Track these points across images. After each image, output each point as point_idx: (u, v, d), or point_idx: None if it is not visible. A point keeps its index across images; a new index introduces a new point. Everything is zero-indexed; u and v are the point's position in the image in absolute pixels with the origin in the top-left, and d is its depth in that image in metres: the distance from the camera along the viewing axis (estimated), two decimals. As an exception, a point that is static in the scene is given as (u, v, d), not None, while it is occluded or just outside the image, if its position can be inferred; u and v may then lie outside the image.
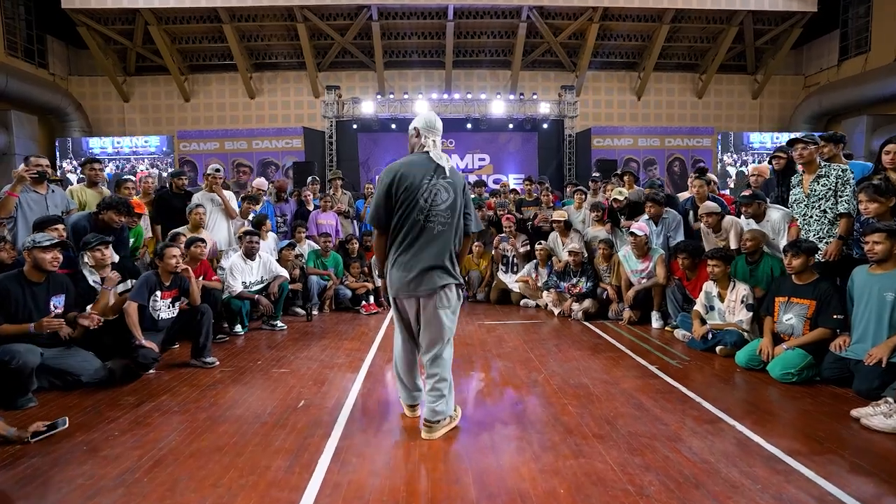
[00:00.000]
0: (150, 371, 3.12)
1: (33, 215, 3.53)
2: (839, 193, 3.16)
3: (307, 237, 5.50)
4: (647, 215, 4.59)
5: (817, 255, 3.16)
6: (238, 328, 4.20)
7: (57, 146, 12.35)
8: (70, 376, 2.79)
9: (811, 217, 3.31)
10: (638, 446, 2.06)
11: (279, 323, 4.42)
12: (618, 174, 5.93)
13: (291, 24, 12.25)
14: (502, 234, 5.86)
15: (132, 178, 4.46)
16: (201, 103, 13.99)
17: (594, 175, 6.41)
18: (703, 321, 3.65)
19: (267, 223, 4.92)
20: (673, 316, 4.19)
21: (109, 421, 2.39)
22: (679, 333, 3.93)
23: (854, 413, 2.35)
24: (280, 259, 4.78)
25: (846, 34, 12.96)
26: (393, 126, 11.85)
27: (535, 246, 5.46)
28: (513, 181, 11.41)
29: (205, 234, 4.34)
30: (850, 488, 1.74)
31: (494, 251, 5.81)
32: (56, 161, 12.04)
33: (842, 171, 3.16)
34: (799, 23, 12.44)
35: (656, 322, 4.37)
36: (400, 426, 2.33)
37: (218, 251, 4.67)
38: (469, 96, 12.05)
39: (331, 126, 12.02)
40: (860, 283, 2.80)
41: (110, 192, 4.27)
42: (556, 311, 4.94)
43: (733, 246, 3.84)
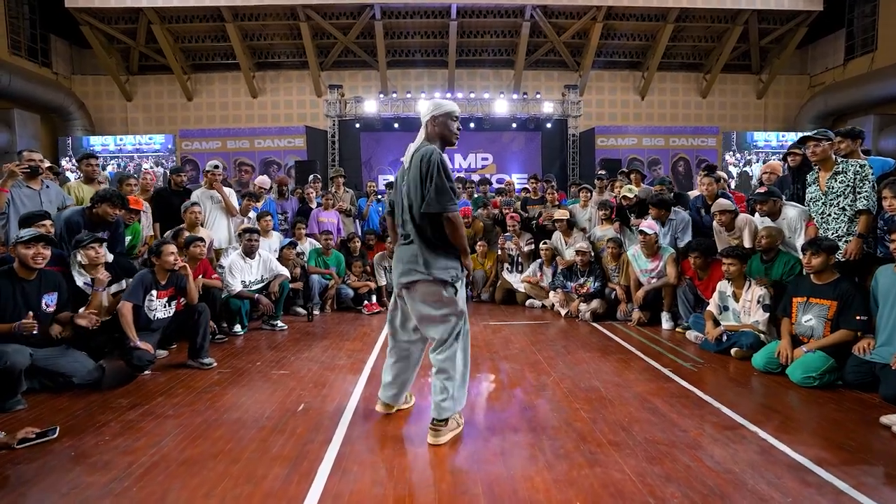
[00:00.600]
0: (146, 372, 3.02)
1: (25, 210, 3.44)
2: (858, 190, 3.04)
3: (307, 235, 5.40)
4: (652, 217, 4.48)
5: (837, 254, 3.04)
6: (237, 328, 4.09)
7: (66, 145, 12.30)
8: (62, 377, 2.69)
9: (829, 215, 3.20)
10: (656, 454, 1.95)
11: (279, 323, 4.32)
12: (624, 172, 5.81)
13: (294, 24, 12.19)
14: (506, 233, 5.75)
15: (135, 176, 4.37)
16: (204, 102, 13.94)
17: (600, 173, 6.29)
18: (717, 322, 3.53)
19: (269, 220, 4.82)
20: (684, 317, 4.06)
21: (100, 425, 2.28)
22: (691, 335, 3.81)
23: (884, 420, 2.23)
24: (281, 257, 4.68)
25: (852, 33, 12.82)
26: (396, 125, 11.76)
27: (540, 245, 5.35)
28: (516, 181, 11.30)
29: (203, 232, 4.24)
30: (890, 502, 1.62)
31: (500, 250, 5.70)
32: (58, 159, 11.99)
33: (860, 167, 3.04)
34: (804, 22, 12.31)
35: (667, 323, 4.25)
36: (404, 431, 2.22)
37: (216, 249, 4.57)
38: (472, 96, 11.96)
39: (333, 125, 11.94)
40: (886, 283, 2.68)
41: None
42: (563, 312, 4.82)
43: (747, 244, 3.72)
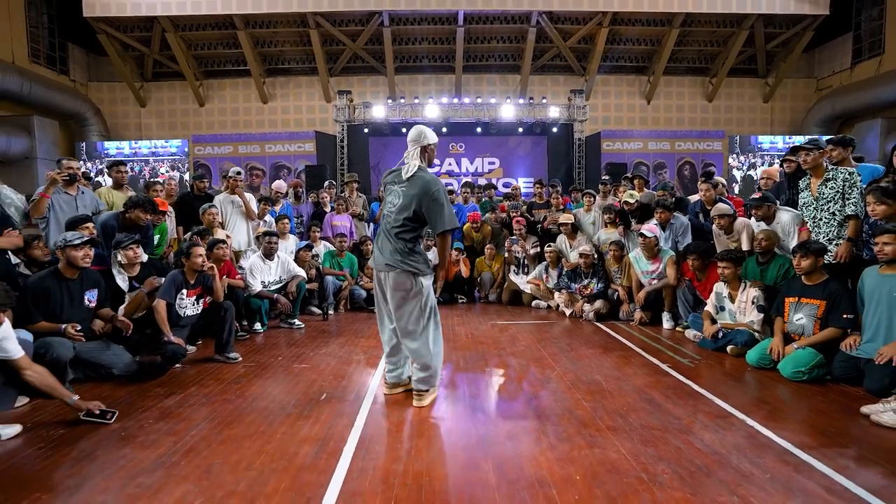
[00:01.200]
0: (177, 365, 3.25)
1: (64, 216, 3.70)
2: (847, 196, 3.21)
3: (322, 238, 5.64)
4: (657, 220, 4.66)
5: (828, 257, 3.21)
6: (258, 326, 4.32)
7: (81, 150, 12.66)
8: (103, 369, 2.92)
9: (820, 219, 3.36)
10: (650, 438, 2.13)
11: (297, 321, 4.54)
12: (628, 177, 5.99)
13: (304, 31, 12.46)
14: (513, 237, 5.95)
15: (160, 182, 4.63)
16: (216, 108, 14.24)
17: (604, 178, 6.47)
18: (714, 321, 3.70)
19: (287, 223, 5.06)
20: (684, 317, 4.24)
21: (142, 411, 2.51)
22: (690, 333, 3.98)
23: (864, 410, 2.40)
24: (297, 259, 4.90)
25: (859, 37, 12.85)
26: (403, 130, 11.98)
27: (545, 248, 5.53)
28: (522, 185, 11.49)
29: (222, 234, 4.48)
30: (859, 479, 1.79)
31: (507, 253, 5.89)
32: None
33: (849, 175, 3.21)
34: (811, 26, 12.40)
35: (667, 323, 4.42)
36: (420, 419, 2.42)
37: (237, 251, 4.81)
38: (479, 100, 12.15)
39: (342, 130, 12.18)
40: (871, 284, 2.85)
41: (135, 193, 4.44)
42: (568, 312, 5.01)
43: (745, 247, 3.89)
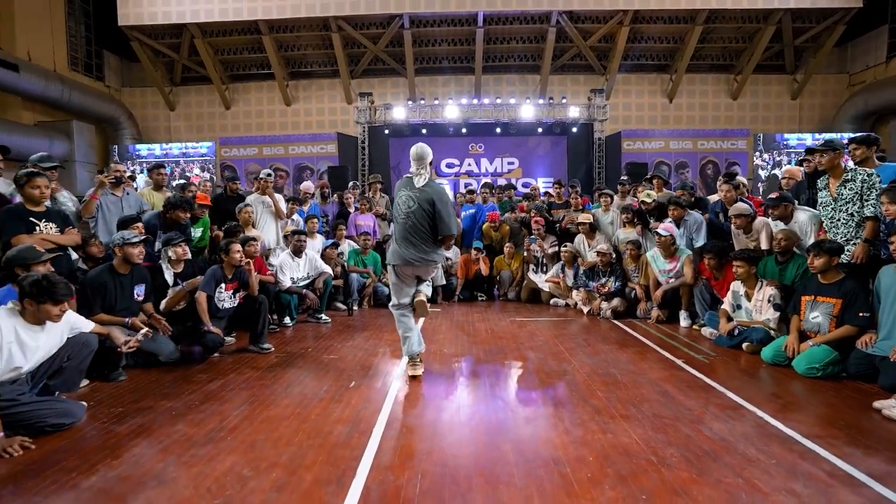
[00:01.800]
0: (215, 354, 3.49)
1: (111, 216, 4.00)
2: (865, 197, 3.23)
3: (346, 237, 5.86)
4: (670, 218, 4.72)
5: (844, 257, 3.24)
6: (287, 320, 4.56)
7: (114, 152, 13.27)
8: (151, 356, 3.18)
9: (838, 220, 3.39)
10: (661, 426, 2.25)
11: (324, 316, 4.77)
12: (648, 178, 6.04)
13: (326, 34, 12.76)
14: (532, 236, 6.06)
15: (194, 184, 4.92)
16: (241, 111, 14.69)
17: (623, 178, 6.53)
18: (730, 319, 3.76)
19: (315, 222, 5.30)
20: (701, 315, 4.29)
21: (188, 393, 2.74)
22: (706, 331, 4.04)
23: (876, 405, 2.45)
24: (324, 256, 5.13)
25: (895, 29, 12.43)
26: (423, 131, 12.17)
27: (561, 248, 5.63)
28: (542, 185, 11.55)
29: (254, 232, 4.73)
30: (863, 466, 1.88)
31: (526, 252, 6.01)
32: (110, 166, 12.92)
33: (867, 176, 3.23)
34: (843, 19, 12.03)
35: (684, 321, 4.48)
36: (444, 405, 2.58)
37: (266, 249, 5.06)
38: (498, 101, 12.24)
39: (363, 131, 12.43)
40: (887, 282, 2.89)
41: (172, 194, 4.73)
42: (586, 310, 5.10)
43: (764, 247, 3.93)
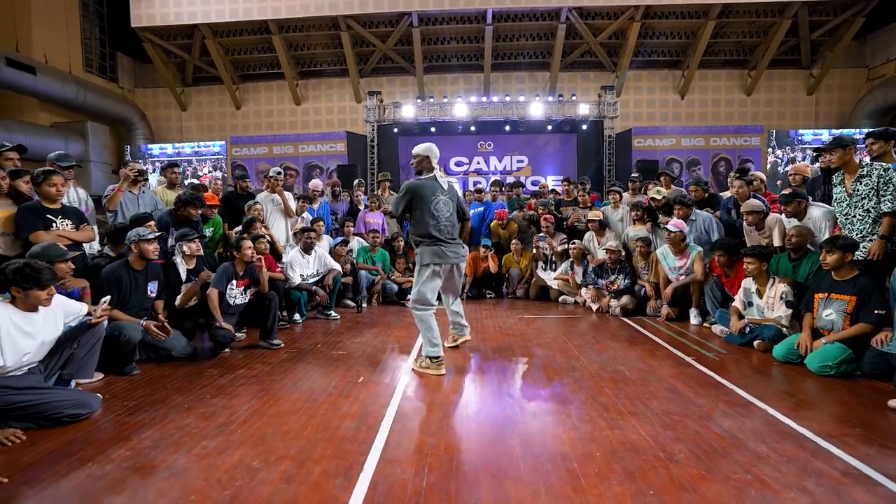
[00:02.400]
0: (226, 350, 3.54)
1: (129, 211, 4.09)
2: (882, 193, 3.16)
3: (355, 234, 5.90)
4: (678, 216, 4.67)
5: (860, 254, 3.18)
6: (297, 316, 4.60)
7: (126, 152, 13.49)
8: (163, 351, 3.24)
9: (853, 216, 3.33)
10: (670, 423, 2.23)
11: (333, 313, 4.80)
12: (656, 176, 5.99)
13: (335, 33, 12.81)
14: (540, 234, 6.04)
15: (204, 184, 4.99)
16: (251, 110, 14.82)
17: (633, 175, 6.47)
18: (742, 317, 3.72)
19: (322, 224, 5.34)
20: (711, 312, 4.24)
21: (200, 387, 2.78)
22: (717, 329, 4.00)
23: (891, 403, 2.41)
24: (333, 254, 5.17)
25: (918, 21, 12.07)
26: (433, 129, 12.18)
27: (569, 245, 5.61)
28: (551, 182, 11.50)
29: (263, 230, 4.78)
30: (877, 465, 1.85)
31: (534, 249, 5.99)
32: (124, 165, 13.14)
33: (884, 171, 3.17)
34: (862, 11, 11.73)
35: (695, 318, 4.44)
36: (451, 400, 2.59)
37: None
38: (508, 98, 12.19)
39: (372, 130, 12.46)
40: (903, 279, 2.83)
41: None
42: (595, 307, 5.08)
43: (777, 243, 3.87)
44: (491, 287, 6.24)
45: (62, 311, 2.46)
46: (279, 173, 5.13)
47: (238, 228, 4.55)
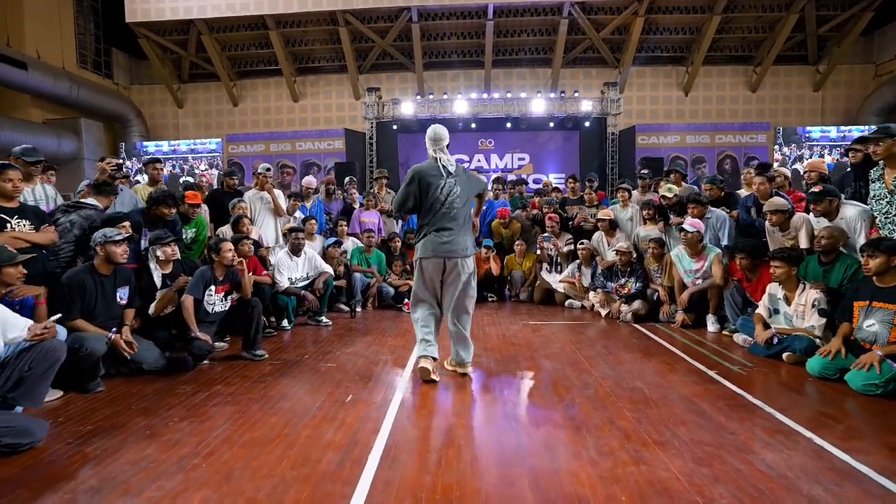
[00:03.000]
0: (204, 362, 3.23)
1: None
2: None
3: (349, 234, 5.59)
4: (693, 215, 4.36)
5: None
6: (284, 323, 4.29)
7: (121, 149, 13.19)
8: (133, 364, 2.94)
9: (894, 214, 3.02)
10: (704, 456, 1.93)
11: (324, 319, 4.50)
12: (665, 173, 5.69)
13: (334, 29, 12.54)
14: (545, 234, 5.73)
15: (190, 180, 4.67)
16: (248, 107, 14.55)
17: (643, 172, 6.15)
18: (767, 325, 3.41)
19: (314, 223, 5.03)
20: (731, 320, 3.94)
21: (168, 408, 2.48)
22: (739, 338, 3.68)
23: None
24: (326, 256, 4.86)
25: (927, 16, 11.79)
26: (432, 126, 11.89)
27: (577, 245, 5.30)
28: (553, 180, 11.22)
29: (252, 230, 4.48)
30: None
31: (539, 250, 5.69)
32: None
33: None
34: (870, 6, 11.44)
35: (712, 326, 4.13)
36: (449, 425, 2.29)
37: (264, 246, 4.80)
38: (508, 95, 11.91)
39: (371, 127, 12.19)
40: (957, 286, 2.52)
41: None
42: (604, 313, 4.77)
43: (803, 245, 3.56)
44: (492, 290, 5.94)
45: (1, 326, 2.15)
46: (268, 169, 4.82)
47: (223, 228, 4.24)
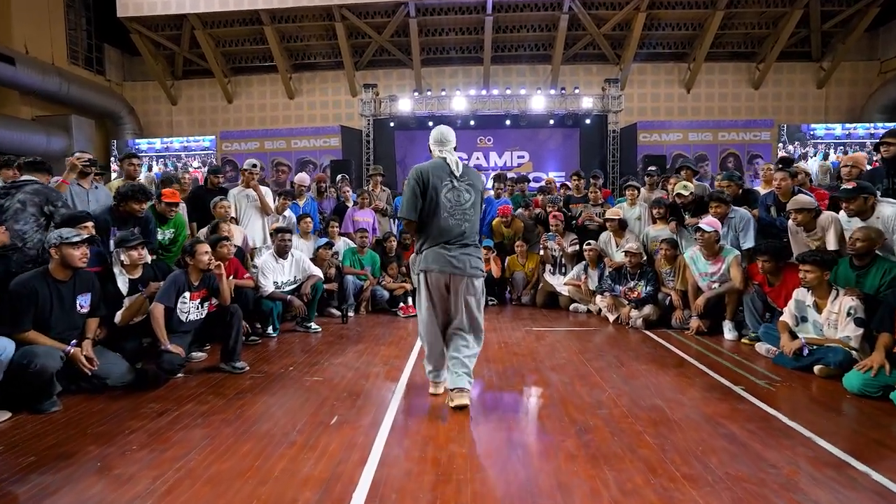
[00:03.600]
0: (178, 375, 2.95)
1: (74, 209, 3.45)
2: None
3: (342, 234, 5.29)
4: (713, 215, 4.07)
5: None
6: (270, 330, 4.00)
7: (113, 147, 12.87)
8: (96, 379, 2.64)
9: (936, 212, 2.75)
10: (744, 496, 1.64)
11: (313, 325, 4.20)
12: (677, 170, 5.41)
13: (330, 24, 12.29)
14: (549, 233, 5.44)
15: (170, 171, 4.39)
16: (243, 104, 14.29)
17: (650, 169, 5.86)
18: (794, 334, 3.13)
19: (310, 222, 4.75)
20: (752, 327, 3.66)
21: (129, 432, 2.19)
22: (762, 348, 3.40)
23: None
24: (316, 258, 4.57)
25: (934, 12, 11.57)
26: (430, 123, 11.61)
27: (584, 246, 5.02)
28: (553, 178, 10.97)
29: (237, 231, 4.19)
30: None
31: (542, 251, 5.40)
32: (110, 161, 12.52)
33: None
34: (876, 2, 11.22)
35: (729, 333, 3.85)
36: (447, 457, 2.00)
37: (251, 247, 4.52)
38: (508, 92, 11.64)
39: (368, 124, 11.92)
40: None
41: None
42: (612, 318, 4.49)
43: (832, 247, 3.27)
44: (493, 293, 5.65)
45: None
46: (254, 165, 4.53)
47: (202, 231, 3.94)
